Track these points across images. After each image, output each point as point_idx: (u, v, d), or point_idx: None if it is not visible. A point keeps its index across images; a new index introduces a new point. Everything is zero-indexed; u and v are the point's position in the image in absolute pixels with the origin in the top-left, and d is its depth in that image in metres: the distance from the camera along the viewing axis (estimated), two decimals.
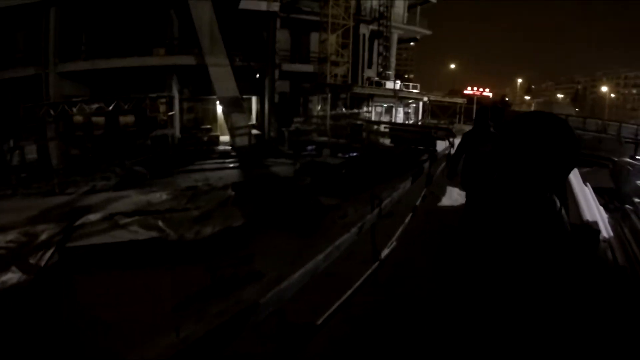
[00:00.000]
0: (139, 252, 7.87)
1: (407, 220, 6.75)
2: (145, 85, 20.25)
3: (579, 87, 70.07)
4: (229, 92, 21.54)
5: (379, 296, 4.58)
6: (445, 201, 8.75)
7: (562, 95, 68.59)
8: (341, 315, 3.97)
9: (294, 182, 13.77)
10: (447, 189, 9.05)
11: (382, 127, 22.94)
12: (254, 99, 25.70)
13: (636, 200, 9.83)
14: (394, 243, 5.86)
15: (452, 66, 59.81)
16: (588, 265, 5.84)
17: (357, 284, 4.38)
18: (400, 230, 6.36)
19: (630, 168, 13.00)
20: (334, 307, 3.85)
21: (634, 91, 66.42)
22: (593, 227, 6.30)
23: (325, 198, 10.79)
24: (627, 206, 9.82)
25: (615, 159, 15.52)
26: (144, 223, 9.06)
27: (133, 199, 11.50)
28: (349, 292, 4.17)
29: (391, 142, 19.45)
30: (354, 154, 16.92)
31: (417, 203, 7.06)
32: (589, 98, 66.00)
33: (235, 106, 21.77)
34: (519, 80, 68.01)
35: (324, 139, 20.38)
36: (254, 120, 25.20)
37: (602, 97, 60.28)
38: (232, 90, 21.63)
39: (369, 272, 4.71)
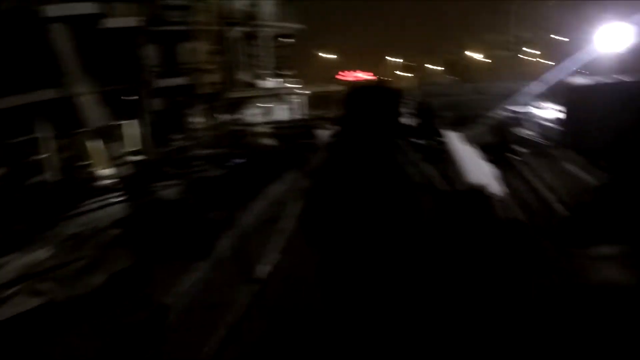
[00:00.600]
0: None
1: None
2: (7, 129, 18.29)
3: (452, 57, 74.24)
4: (100, 121, 20.21)
5: (272, 317, 4.34)
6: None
7: (436, 67, 71.37)
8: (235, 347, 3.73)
9: (180, 204, 13.08)
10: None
11: (263, 128, 22.62)
12: (135, 123, 24.10)
13: (517, 148, 10.30)
14: (279, 256, 5.54)
15: (333, 56, 60.88)
16: (488, 229, 5.82)
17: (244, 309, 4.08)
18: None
19: (507, 120, 13.82)
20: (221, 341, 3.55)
21: (501, 52, 71.04)
22: (485, 189, 6.37)
23: (214, 213, 10.52)
24: (511, 155, 10.22)
25: (492, 114, 16.40)
26: (31, 289, 8.23)
27: (15, 263, 10.32)
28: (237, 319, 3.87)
29: (275, 141, 19.25)
30: (240, 161, 16.45)
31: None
32: (462, 65, 69.61)
33: (109, 135, 20.59)
34: (396, 59, 70.10)
35: (208, 151, 19.73)
36: (140, 145, 23.66)
37: (473, 61, 65.22)
38: (103, 118, 20.32)
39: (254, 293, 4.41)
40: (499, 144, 12.30)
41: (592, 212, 5.91)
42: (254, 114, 26.74)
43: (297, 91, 30.30)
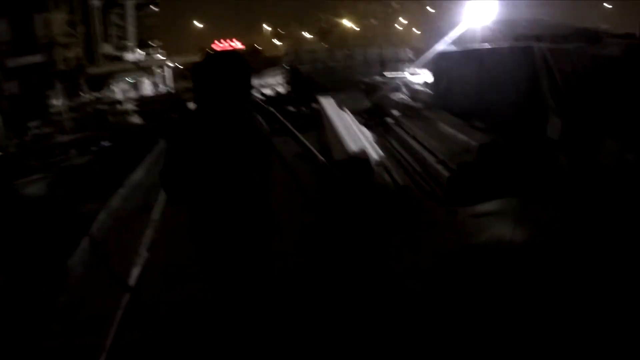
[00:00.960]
0: None
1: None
2: None
3: (323, 24, 75.22)
4: None
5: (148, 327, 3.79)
6: None
7: (308, 35, 71.53)
8: None
9: (48, 201, 11.37)
10: None
11: (129, 106, 20.65)
12: None
13: (393, 112, 10.12)
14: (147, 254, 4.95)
15: (200, 25, 58.56)
16: (370, 195, 5.46)
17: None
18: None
19: (381, 85, 13.68)
20: None
21: (373, 21, 73.33)
22: (362, 157, 5.96)
23: (86, 205, 9.11)
24: (387, 119, 9.96)
25: (367, 79, 16.24)
26: None
27: None
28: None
29: (142, 119, 17.52)
30: (105, 144, 14.75)
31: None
32: (334, 32, 70.53)
33: None
34: (267, 27, 69.32)
35: (71, 136, 17.51)
36: None
37: (346, 29, 66.70)
38: None
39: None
40: (374, 109, 12.11)
41: (474, 172, 5.82)
42: (120, 90, 24.09)
43: (165, 63, 28.16)
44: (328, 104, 9.45)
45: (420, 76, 23.91)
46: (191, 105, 13.60)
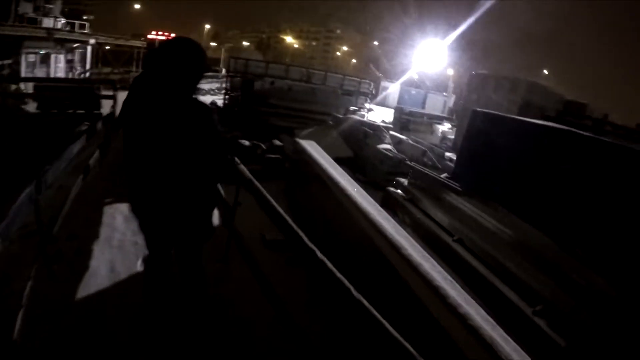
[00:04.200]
0: None
1: None
2: None
3: (264, 36, 74.84)
4: None
5: None
6: None
7: (247, 43, 71.32)
8: None
9: None
10: None
11: (24, 86, 16.16)
12: None
13: (401, 180, 7.35)
14: None
15: (137, 7, 55.13)
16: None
17: None
18: None
19: (369, 130, 10.32)
20: None
21: (314, 43, 73.88)
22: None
23: None
24: (390, 189, 7.18)
25: (341, 116, 12.94)
26: None
27: None
28: None
29: (38, 106, 13.21)
30: None
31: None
32: (273, 46, 70.08)
33: None
34: (207, 27, 67.72)
35: None
36: None
37: (287, 45, 66.92)
38: None
39: None
40: (363, 161, 9.31)
41: None
42: (24, 62, 19.43)
43: (82, 38, 23.49)
44: (318, 154, 6.54)
45: (376, 114, 21.69)
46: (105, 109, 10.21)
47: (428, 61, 33.05)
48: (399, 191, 6.88)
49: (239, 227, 4.43)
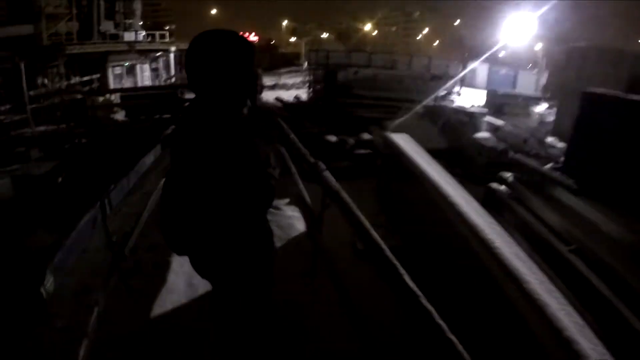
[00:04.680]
0: None
1: None
2: None
3: (342, 25, 74.59)
4: None
5: None
6: None
7: (327, 34, 71.41)
8: None
9: None
10: None
11: (113, 97, 16.64)
12: None
13: (505, 175, 6.74)
14: None
15: (214, 11, 56.97)
16: None
17: None
18: None
19: (464, 117, 9.53)
20: None
21: (393, 29, 73.03)
22: None
23: (35, 236, 5.77)
24: (494, 185, 6.61)
25: (432, 104, 12.24)
26: None
27: None
28: None
29: (126, 114, 13.61)
30: (82, 144, 11.01)
31: None
32: (352, 36, 69.71)
33: None
34: (285, 23, 68.52)
35: (42, 128, 13.53)
36: None
37: (365, 34, 66.17)
38: None
39: None
40: (460, 153, 8.70)
41: None
42: (112, 75, 20.41)
43: (163, 47, 24.70)
44: (412, 149, 6.04)
45: (465, 97, 20.47)
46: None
47: (515, 36, 30.94)
48: (502, 187, 6.27)
49: (328, 234, 4.04)
